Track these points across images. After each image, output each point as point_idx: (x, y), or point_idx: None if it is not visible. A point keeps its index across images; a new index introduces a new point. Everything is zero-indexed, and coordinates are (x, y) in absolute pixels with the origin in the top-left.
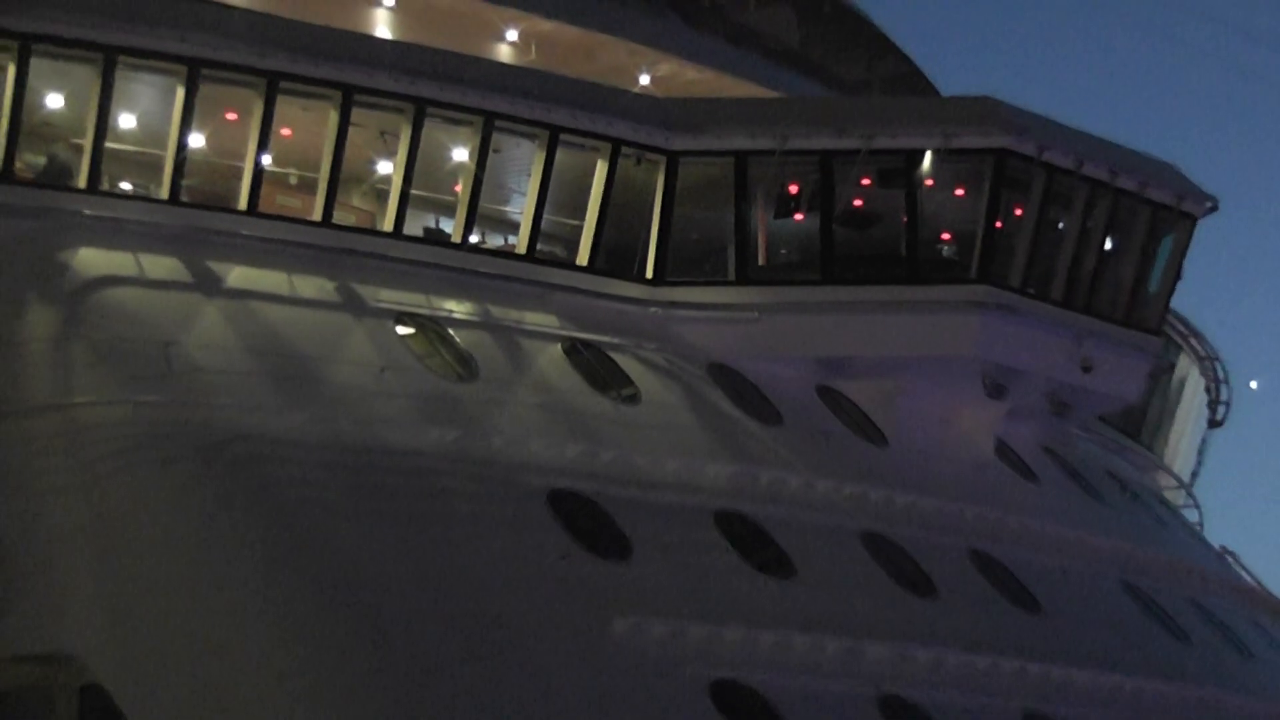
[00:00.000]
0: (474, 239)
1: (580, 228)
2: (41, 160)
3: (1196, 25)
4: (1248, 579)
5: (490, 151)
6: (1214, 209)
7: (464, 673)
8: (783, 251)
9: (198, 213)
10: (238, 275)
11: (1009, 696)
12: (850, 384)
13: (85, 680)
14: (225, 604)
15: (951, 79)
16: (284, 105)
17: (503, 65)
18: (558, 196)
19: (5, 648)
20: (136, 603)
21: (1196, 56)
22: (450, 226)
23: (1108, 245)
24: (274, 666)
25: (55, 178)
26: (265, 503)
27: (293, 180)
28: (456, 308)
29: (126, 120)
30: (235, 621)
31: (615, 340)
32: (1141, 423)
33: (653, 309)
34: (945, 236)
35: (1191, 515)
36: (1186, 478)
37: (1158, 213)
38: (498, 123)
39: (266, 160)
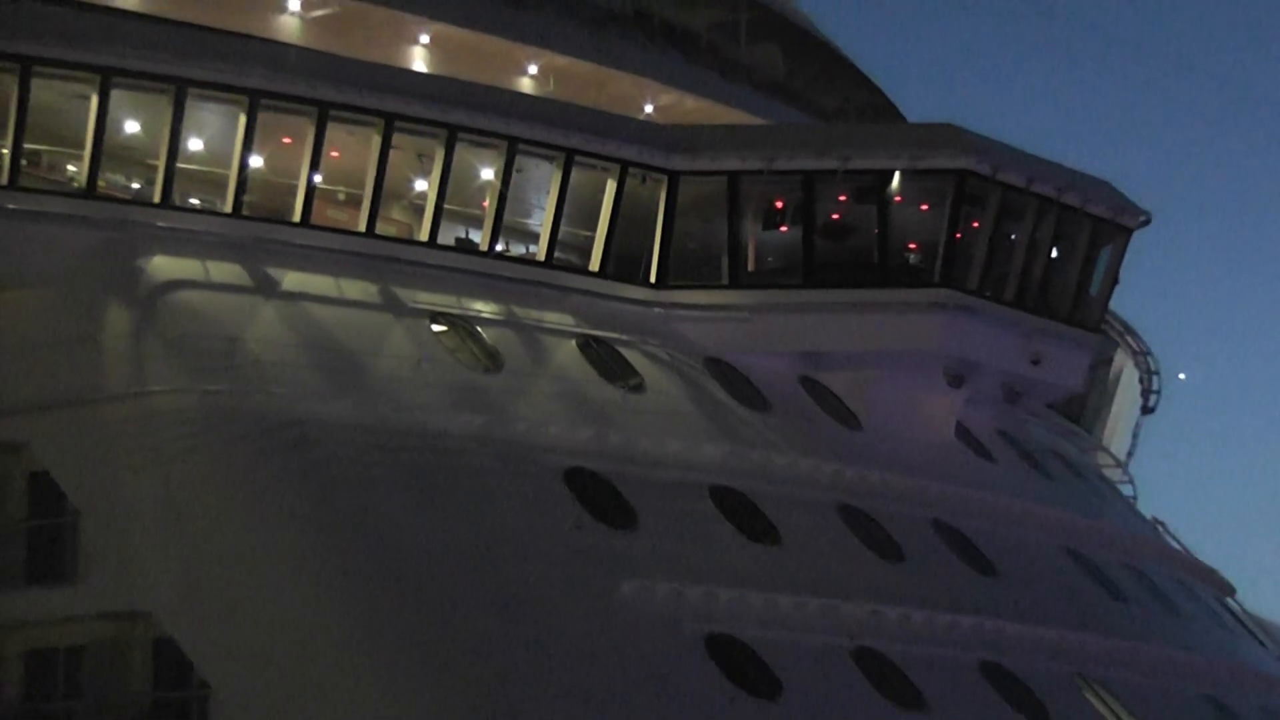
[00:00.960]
0: (499, 248)
1: (592, 238)
2: (120, 179)
3: (1133, 59)
4: (1176, 546)
5: (514, 171)
6: (1147, 222)
7: (489, 627)
8: (769, 259)
9: (257, 224)
10: (292, 280)
11: (967, 649)
12: (828, 375)
13: (158, 634)
14: (281, 567)
15: (917, 108)
16: (333, 131)
17: (524, 96)
18: (573, 210)
19: (88, 605)
20: (204, 566)
21: (1133, 85)
22: (479, 236)
23: (1054, 254)
24: (323, 621)
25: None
26: (316, 479)
27: (340, 196)
28: (484, 308)
29: (195, 143)
30: (290, 582)
31: (623, 337)
32: (1083, 409)
33: (656, 309)
34: (912, 246)
35: (1127, 490)
36: (1123, 458)
37: (1098, 225)
38: (520, 146)
39: (317, 178)
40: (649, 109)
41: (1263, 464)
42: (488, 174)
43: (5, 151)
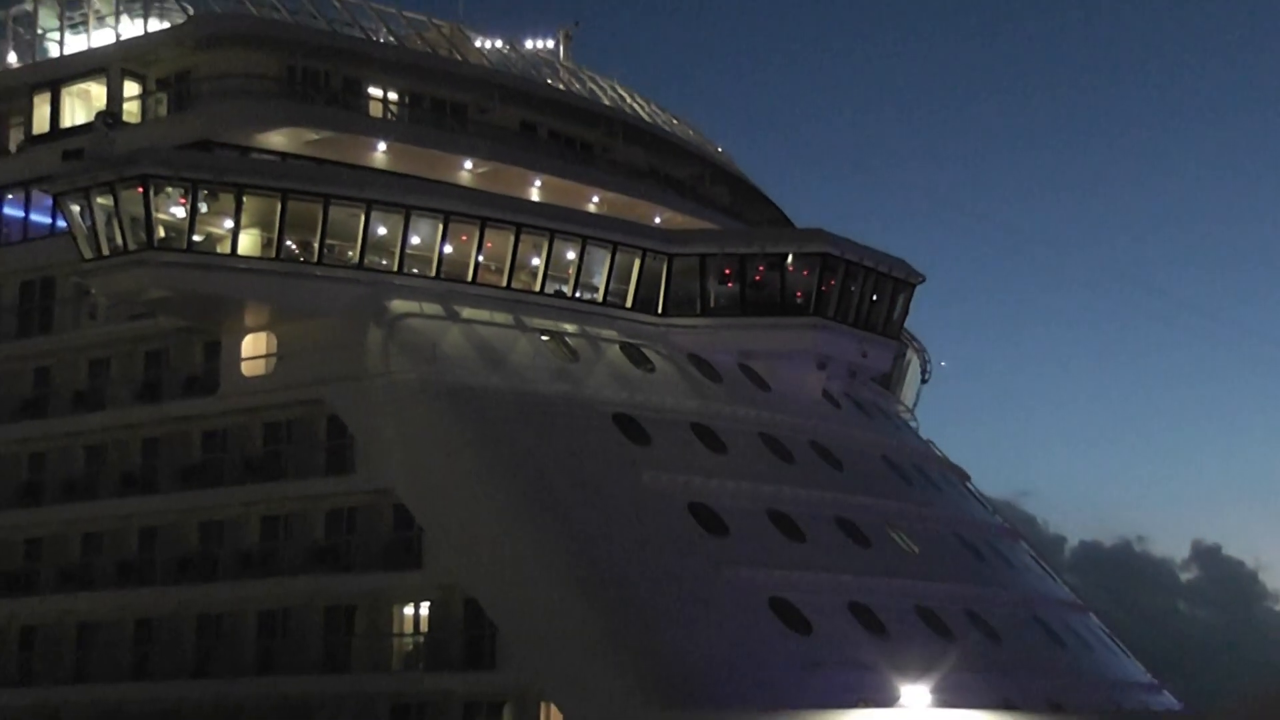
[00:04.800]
0: (578, 294)
1: (627, 288)
2: (376, 258)
3: (926, 193)
4: (939, 454)
5: (585, 253)
6: (923, 280)
7: (570, 497)
8: (722, 300)
9: (448, 283)
10: (466, 312)
11: (829, 510)
12: (753, 363)
13: (396, 500)
14: (459, 465)
15: (801, 217)
16: (489, 233)
17: (591, 214)
18: (616, 274)
19: (359, 485)
20: (419, 464)
21: (924, 204)
22: (567, 288)
23: (874, 298)
24: (483, 489)
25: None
26: (479, 419)
27: (493, 267)
28: (569, 327)
29: (415, 239)
30: (464, 472)
31: (644, 343)
32: (890, 380)
33: (662, 327)
34: (799, 294)
35: (913, 425)
36: (912, 407)
37: (897, 283)
38: (589, 241)
39: (480, 258)
40: (658, 220)
41: (985, 407)
42: (571, 255)
43: (316, 244)
